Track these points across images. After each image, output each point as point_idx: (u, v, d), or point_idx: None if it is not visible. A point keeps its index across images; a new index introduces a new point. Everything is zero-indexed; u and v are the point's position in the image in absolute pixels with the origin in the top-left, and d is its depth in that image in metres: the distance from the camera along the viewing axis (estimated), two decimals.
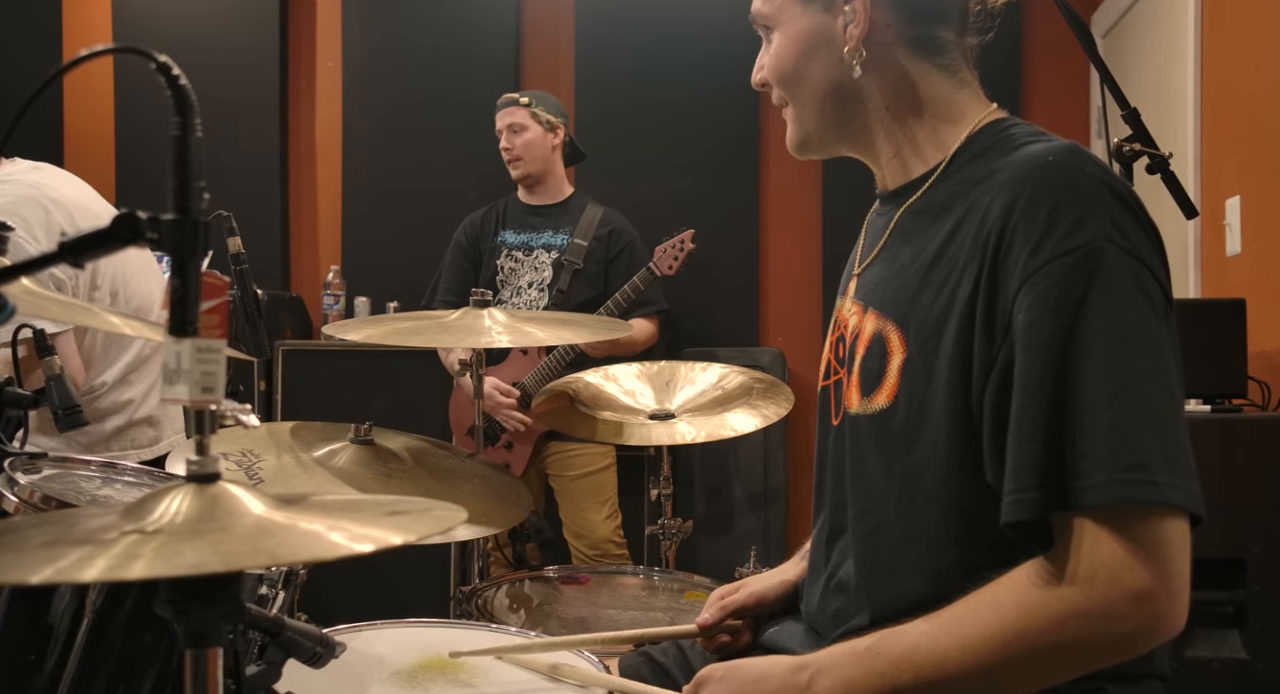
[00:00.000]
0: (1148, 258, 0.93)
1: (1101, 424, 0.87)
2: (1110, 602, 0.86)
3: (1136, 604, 0.86)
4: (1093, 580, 0.86)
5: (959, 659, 0.90)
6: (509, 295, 3.08)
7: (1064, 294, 0.91)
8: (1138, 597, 0.85)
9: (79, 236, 0.69)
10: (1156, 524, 0.87)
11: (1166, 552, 0.86)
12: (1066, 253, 0.92)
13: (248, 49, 4.17)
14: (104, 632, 1.11)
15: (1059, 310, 0.90)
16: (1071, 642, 0.87)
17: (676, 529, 2.17)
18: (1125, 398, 0.88)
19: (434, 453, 1.75)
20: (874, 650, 0.95)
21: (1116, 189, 0.95)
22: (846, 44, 1.07)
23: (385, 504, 0.84)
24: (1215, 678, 2.11)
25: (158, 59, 0.68)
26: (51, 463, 1.25)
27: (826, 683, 0.96)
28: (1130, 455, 0.86)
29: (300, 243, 4.30)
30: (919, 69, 1.09)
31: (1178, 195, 1.84)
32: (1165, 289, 0.95)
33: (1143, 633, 0.87)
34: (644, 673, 1.31)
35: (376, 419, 1.76)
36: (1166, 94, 3.16)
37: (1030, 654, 0.89)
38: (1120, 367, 0.89)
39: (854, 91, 1.10)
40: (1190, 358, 2.17)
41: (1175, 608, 0.87)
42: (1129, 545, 0.86)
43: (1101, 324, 0.89)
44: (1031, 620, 0.88)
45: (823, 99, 1.12)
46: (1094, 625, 0.87)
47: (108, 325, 1.07)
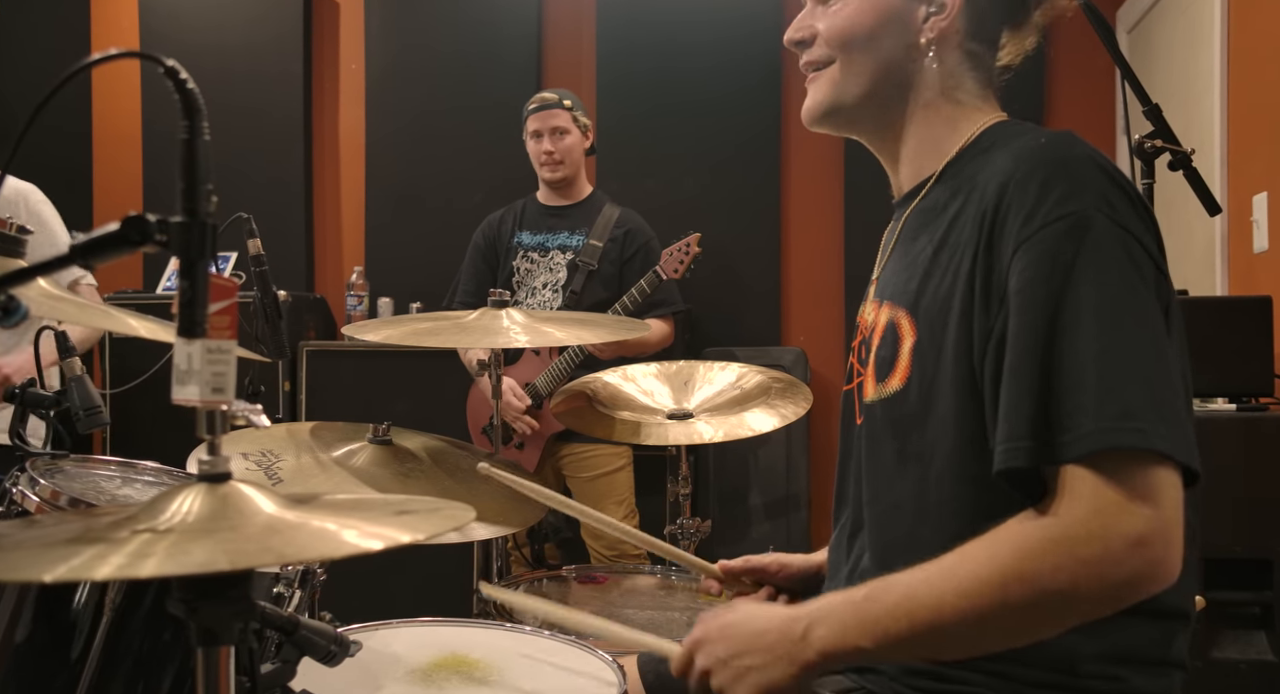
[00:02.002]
0: (1137, 230, 0.95)
1: (1089, 379, 0.89)
2: (1107, 546, 0.86)
3: (1132, 550, 0.86)
4: (1089, 525, 0.87)
5: (954, 604, 0.90)
6: (524, 296, 3.08)
7: (1054, 259, 0.93)
8: (1134, 542, 0.86)
9: (89, 240, 0.70)
10: (1147, 471, 0.87)
11: (1159, 498, 0.87)
12: (1058, 220, 0.94)
13: (273, 54, 4.20)
14: (123, 629, 1.12)
15: (1049, 275, 0.93)
16: (1068, 586, 0.87)
17: (695, 529, 2.17)
18: (1113, 355, 0.89)
19: (452, 453, 1.76)
20: (869, 598, 0.95)
21: (1105, 168, 0.98)
22: (923, 34, 1.11)
23: (395, 504, 0.84)
24: (1242, 679, 2.09)
25: (165, 63, 0.69)
26: (72, 463, 1.26)
27: (822, 631, 0.94)
28: (1118, 405, 0.88)
29: (324, 244, 4.33)
30: (963, 76, 1.14)
31: (1200, 192, 1.82)
32: (1158, 263, 0.97)
33: (1138, 579, 0.87)
34: (663, 671, 1.31)
35: (400, 419, 1.77)
36: (1192, 89, 3.13)
37: (1025, 600, 0.88)
38: (1107, 327, 0.90)
39: (906, 77, 1.13)
40: (1216, 356, 2.17)
41: (1170, 555, 0.87)
42: (1122, 491, 0.87)
43: (1090, 288, 0.91)
44: (1028, 564, 0.88)
45: (877, 73, 1.14)
46: (1090, 570, 0.87)
47: (124, 327, 1.08)
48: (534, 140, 3.10)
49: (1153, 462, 0.87)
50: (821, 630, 0.94)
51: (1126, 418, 0.87)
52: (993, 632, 0.91)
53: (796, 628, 0.96)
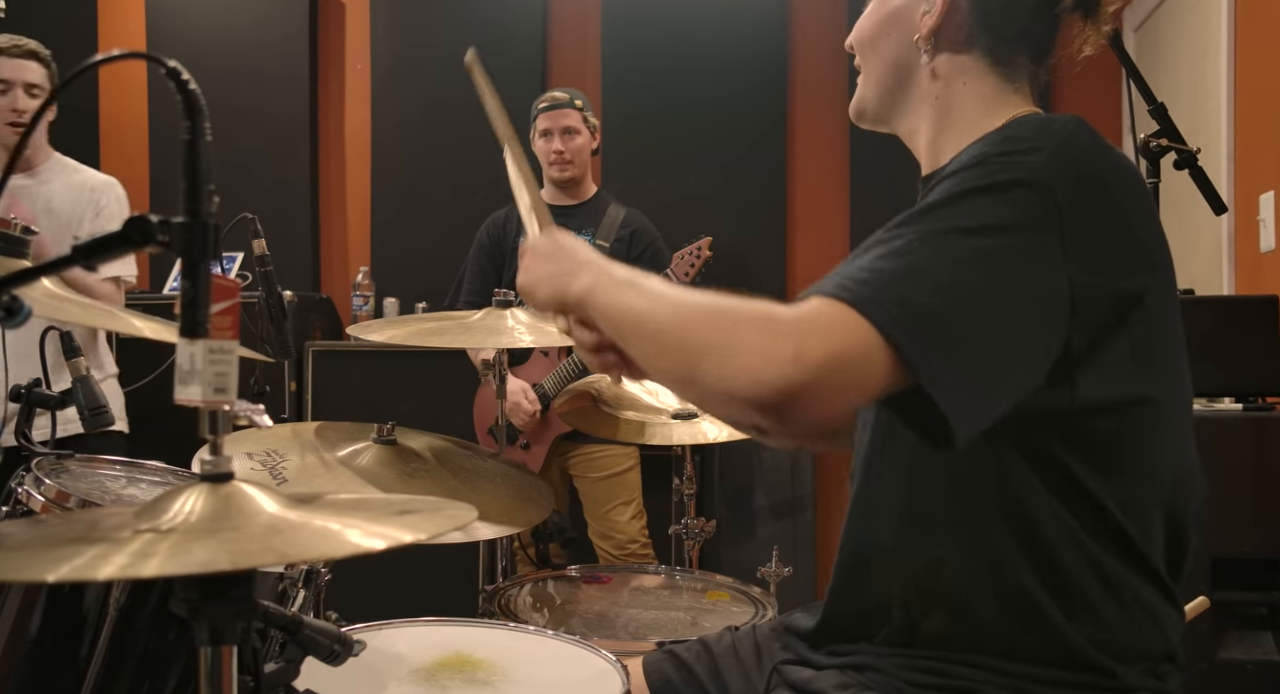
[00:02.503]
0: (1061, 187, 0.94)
1: (868, 265, 0.92)
2: (792, 342, 0.88)
3: (789, 364, 0.87)
4: (799, 322, 0.89)
5: (660, 307, 0.97)
6: None
7: (943, 189, 0.96)
8: (797, 356, 0.87)
9: (92, 240, 0.70)
10: (861, 335, 0.88)
11: (846, 356, 0.87)
12: (980, 165, 0.96)
13: (279, 54, 4.22)
14: (128, 629, 1.12)
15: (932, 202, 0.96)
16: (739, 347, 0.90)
17: (700, 529, 2.17)
18: (907, 262, 0.91)
19: (457, 453, 1.76)
20: (630, 279, 1.03)
21: (1081, 139, 0.98)
22: (918, 31, 1.12)
23: (397, 503, 0.85)
24: (1248, 680, 2.08)
25: (167, 64, 0.69)
26: (77, 462, 1.27)
27: (586, 281, 1.06)
28: (874, 288, 0.89)
29: (330, 244, 4.34)
30: (981, 73, 1.12)
31: (1206, 191, 1.82)
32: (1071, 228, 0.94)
33: (763, 373, 0.87)
34: (667, 671, 1.31)
35: (406, 419, 1.77)
36: (1199, 88, 3.12)
37: (700, 337, 0.93)
38: (931, 246, 0.92)
39: (911, 75, 1.15)
40: (1223, 356, 2.16)
41: (804, 404, 0.87)
42: (832, 325, 0.88)
43: (941, 218, 0.93)
44: (733, 319, 0.92)
45: (883, 72, 1.17)
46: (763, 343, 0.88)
47: (128, 327, 1.08)
48: (543, 139, 3.08)
49: (867, 333, 0.87)
50: (589, 280, 1.06)
51: (873, 291, 0.89)
52: (666, 348, 0.96)
53: (580, 266, 1.08)
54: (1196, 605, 1.50)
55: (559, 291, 1.09)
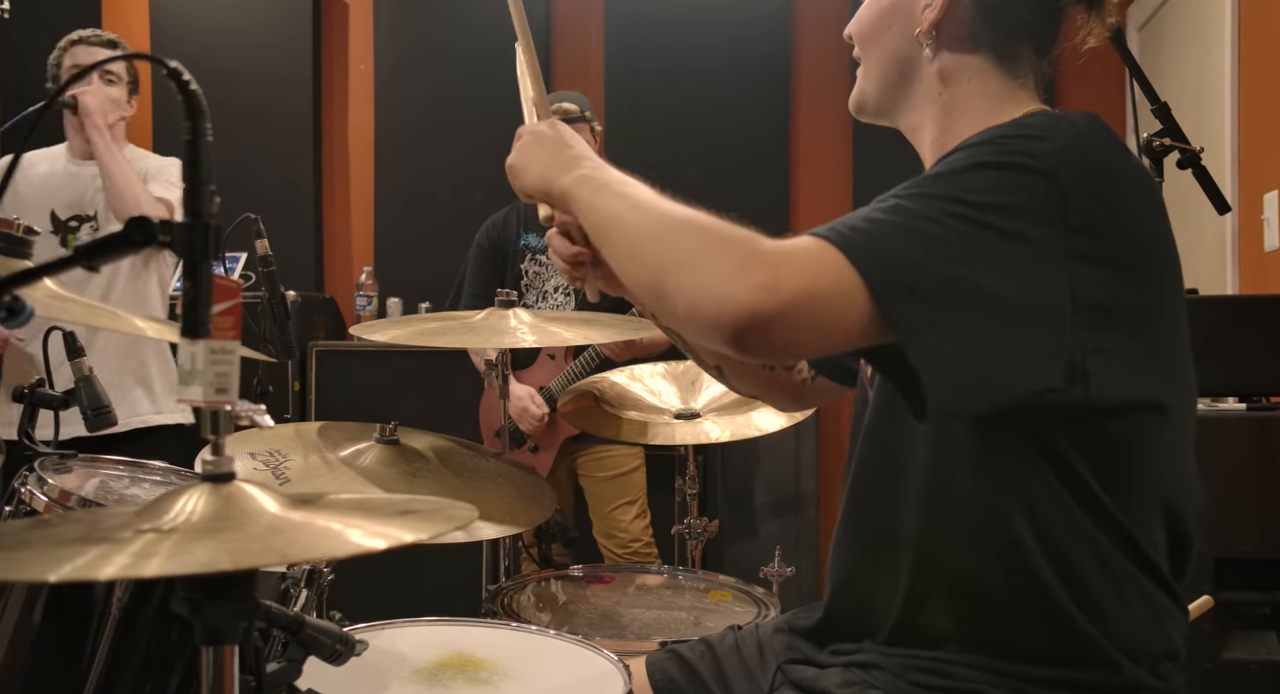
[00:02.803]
0: (1064, 177, 0.93)
1: (864, 216, 0.92)
2: (769, 270, 0.87)
3: (760, 290, 0.87)
4: (780, 253, 0.89)
5: (646, 217, 0.98)
6: (534, 300, 3.05)
7: (950, 162, 0.96)
8: (771, 284, 0.87)
9: (94, 241, 0.70)
10: (842, 277, 0.88)
11: (822, 294, 0.88)
12: (990, 142, 0.96)
13: (282, 55, 4.22)
14: (131, 628, 1.12)
15: (937, 171, 0.97)
16: (713, 264, 0.90)
17: (702, 529, 2.17)
18: (904, 220, 0.91)
19: (459, 453, 1.76)
20: (621, 181, 1.04)
21: (1095, 135, 0.98)
22: (919, 26, 1.10)
23: (398, 503, 0.85)
24: (1252, 680, 2.08)
25: (168, 65, 0.70)
26: (81, 462, 1.27)
27: (583, 174, 1.06)
28: (865, 236, 0.90)
29: (334, 244, 4.35)
30: (984, 68, 1.10)
31: (1209, 190, 1.81)
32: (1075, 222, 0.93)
33: (733, 294, 0.87)
34: (670, 670, 1.31)
35: (409, 419, 1.77)
36: (1203, 87, 3.11)
37: (678, 248, 0.93)
38: (930, 210, 0.91)
39: (914, 69, 1.13)
40: (1227, 356, 2.15)
41: (771, 331, 0.87)
42: (814, 262, 0.89)
43: (944, 186, 0.93)
44: (719, 232, 0.93)
45: (885, 66, 1.15)
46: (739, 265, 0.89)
47: (131, 327, 1.09)
48: None
49: (851, 277, 0.88)
50: (579, 175, 1.06)
51: (864, 239, 0.89)
52: (641, 255, 0.96)
53: (574, 159, 1.09)
54: (1200, 604, 1.50)
55: (547, 180, 1.09)
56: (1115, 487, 0.99)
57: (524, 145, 1.15)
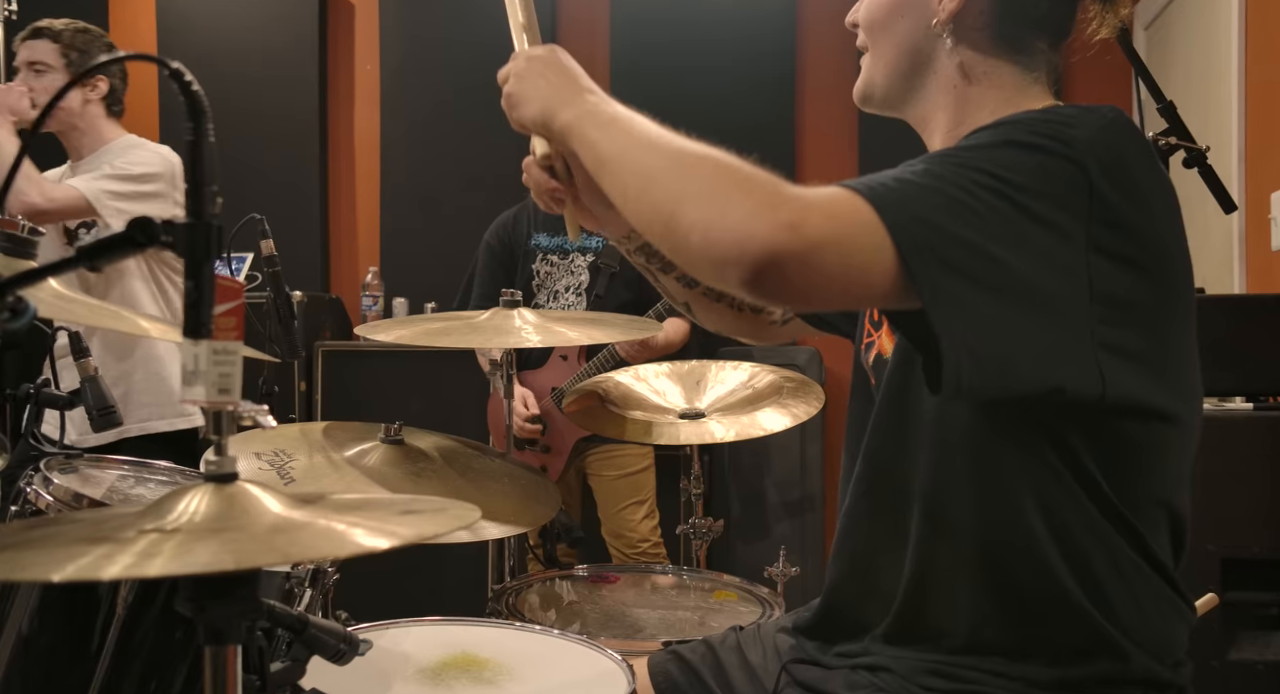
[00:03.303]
0: (1091, 166, 0.92)
1: (894, 176, 0.91)
2: (793, 211, 0.86)
3: (784, 228, 0.85)
4: (804, 197, 0.87)
5: (659, 153, 0.96)
6: (545, 300, 3.04)
7: (980, 137, 0.96)
8: (795, 224, 0.85)
9: (96, 242, 0.71)
10: (871, 231, 0.86)
11: (848, 243, 0.86)
12: (1021, 123, 0.96)
13: (288, 55, 4.23)
14: (136, 627, 1.13)
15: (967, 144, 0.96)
16: (736, 200, 0.88)
17: (707, 528, 2.17)
18: (935, 185, 0.89)
19: (464, 452, 1.76)
20: (629, 114, 1.02)
21: (1124, 130, 0.96)
22: (936, 16, 1.08)
23: (400, 503, 0.85)
24: (1259, 680, 2.07)
25: (170, 66, 0.70)
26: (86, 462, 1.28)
27: (584, 107, 1.04)
28: (897, 195, 0.88)
29: (339, 244, 4.35)
30: (999, 61, 1.09)
31: (1216, 189, 1.81)
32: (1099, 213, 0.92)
33: (755, 230, 0.85)
34: (672, 671, 1.31)
35: (415, 419, 1.78)
36: (1210, 86, 3.10)
37: (695, 181, 0.92)
38: (962, 179, 0.89)
39: (928, 59, 1.11)
40: (1233, 355, 2.14)
41: (797, 271, 0.85)
42: (843, 210, 0.87)
43: (975, 158, 0.91)
44: (741, 170, 0.91)
45: (898, 57, 1.12)
46: (763, 202, 0.87)
47: (134, 328, 1.09)
48: None
49: (878, 234, 0.86)
50: (582, 109, 1.03)
51: (896, 197, 0.88)
52: (654, 187, 0.94)
53: (577, 92, 1.06)
54: (1205, 602, 1.49)
55: (549, 113, 1.05)
56: (1124, 486, 0.99)
57: (523, 73, 1.10)
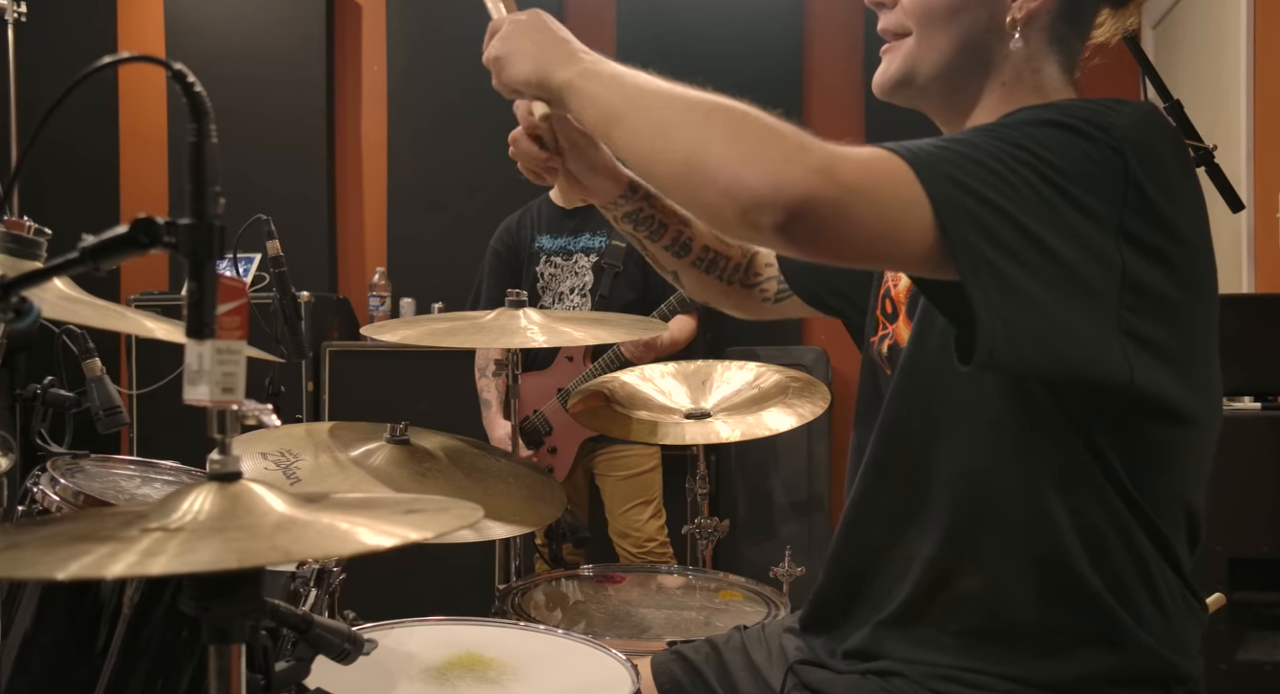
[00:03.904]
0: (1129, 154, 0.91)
1: (930, 143, 0.90)
2: (824, 157, 0.84)
3: (813, 174, 0.83)
4: (833, 148, 0.86)
5: (678, 91, 0.95)
6: (550, 301, 3.05)
7: (1019, 116, 0.94)
8: (828, 169, 0.84)
9: (99, 242, 0.71)
10: (907, 187, 0.85)
11: (883, 194, 0.85)
12: (1060, 106, 0.96)
13: (296, 56, 4.24)
14: (142, 626, 1.13)
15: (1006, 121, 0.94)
16: (765, 145, 0.86)
17: (713, 528, 2.16)
18: (973, 155, 0.88)
19: (469, 452, 1.77)
20: (630, 70, 1.00)
21: (1160, 124, 0.96)
22: (1011, 13, 1.06)
23: (403, 503, 0.85)
24: (1268, 681, 2.06)
25: (173, 67, 0.70)
26: (92, 462, 1.28)
27: (584, 68, 1.01)
28: (934, 158, 0.87)
29: (347, 245, 4.36)
30: (1048, 60, 1.09)
31: (1223, 188, 1.80)
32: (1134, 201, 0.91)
33: (787, 174, 0.84)
34: (675, 672, 1.31)
35: (422, 419, 1.78)
36: (1219, 85, 3.09)
37: (716, 130, 0.89)
38: (999, 152, 0.88)
39: (986, 56, 1.08)
40: (1242, 355, 2.14)
41: (831, 219, 0.84)
42: (879, 166, 0.86)
43: (1014, 134, 0.90)
44: (765, 118, 0.89)
45: (957, 49, 1.08)
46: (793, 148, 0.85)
47: (140, 329, 1.09)
48: None
49: (913, 184, 0.85)
50: (582, 68, 1.01)
51: (933, 160, 0.87)
52: (674, 135, 0.91)
53: (571, 53, 1.03)
54: (1213, 602, 1.48)
55: (543, 72, 1.02)
56: (1146, 483, 0.99)
57: (508, 36, 1.08)
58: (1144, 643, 1.00)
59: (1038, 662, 1.01)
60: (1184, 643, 1.03)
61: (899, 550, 1.09)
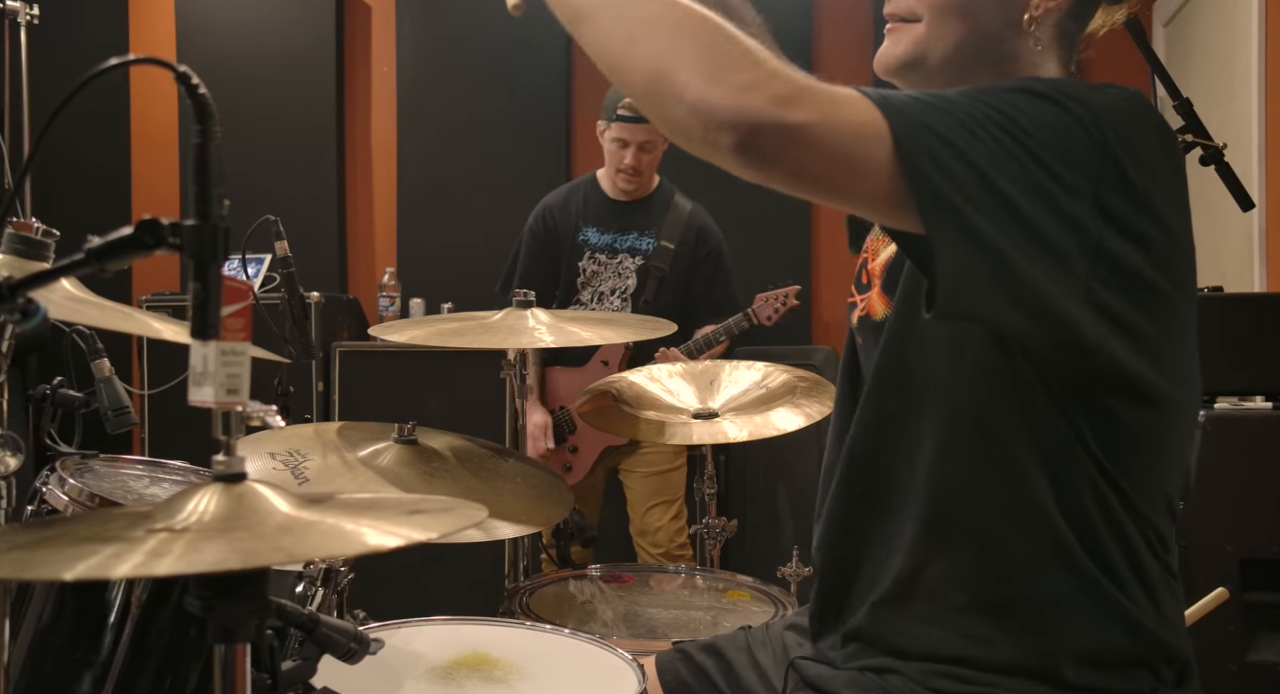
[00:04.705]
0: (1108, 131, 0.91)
1: (903, 94, 0.90)
2: (793, 86, 0.84)
3: (783, 101, 0.83)
4: (803, 80, 0.85)
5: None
6: (590, 299, 2.97)
7: (1000, 83, 0.95)
8: (795, 96, 0.83)
9: (105, 243, 0.71)
10: (873, 123, 0.85)
11: (847, 126, 0.84)
12: (1044, 80, 0.96)
13: (305, 57, 4.25)
14: (150, 626, 1.14)
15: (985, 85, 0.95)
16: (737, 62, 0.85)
17: (721, 528, 2.16)
18: (944, 107, 0.88)
19: (477, 453, 1.77)
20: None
21: (1143, 107, 0.96)
22: (1029, 11, 1.06)
23: (408, 503, 0.85)
24: (1278, 682, 2.05)
25: (177, 70, 0.70)
26: (101, 462, 1.29)
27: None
28: (902, 102, 0.87)
29: (357, 245, 4.38)
30: (1052, 54, 1.10)
31: (1233, 187, 1.80)
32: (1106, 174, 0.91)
33: (754, 93, 0.83)
34: (680, 670, 1.31)
35: (433, 419, 1.78)
36: (1230, 83, 3.07)
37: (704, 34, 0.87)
38: (967, 105, 0.88)
39: (996, 50, 1.07)
40: (1253, 354, 2.12)
41: (784, 132, 0.83)
42: (845, 98, 0.86)
43: (989, 95, 0.90)
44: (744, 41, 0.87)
45: (969, 40, 1.07)
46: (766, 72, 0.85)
47: (147, 330, 1.10)
48: (616, 146, 2.89)
49: (875, 119, 0.85)
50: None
51: (901, 104, 0.87)
52: (648, 37, 0.90)
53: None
54: (1216, 596, 1.48)
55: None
56: (1120, 463, 1.00)
57: None
58: (1133, 619, 1.00)
59: (1030, 637, 1.01)
60: (1171, 621, 1.03)
61: (886, 529, 1.09)
